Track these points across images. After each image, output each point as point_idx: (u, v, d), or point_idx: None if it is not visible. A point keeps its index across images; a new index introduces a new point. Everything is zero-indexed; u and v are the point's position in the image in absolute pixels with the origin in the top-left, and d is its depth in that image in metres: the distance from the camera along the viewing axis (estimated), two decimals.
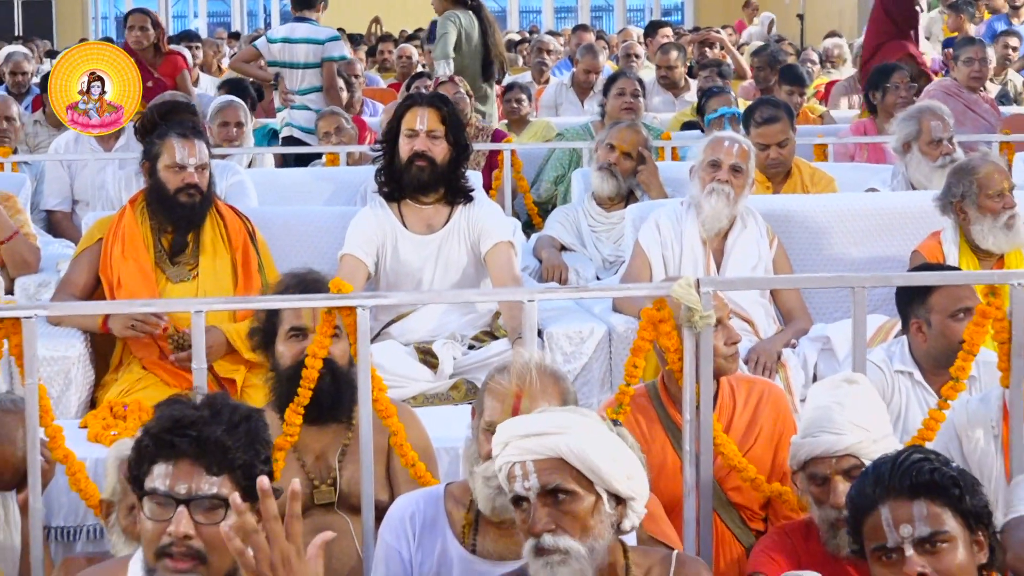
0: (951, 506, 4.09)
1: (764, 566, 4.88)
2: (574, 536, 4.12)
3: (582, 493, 4.16)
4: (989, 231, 7.13)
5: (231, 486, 3.92)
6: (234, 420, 4.00)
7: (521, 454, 4.16)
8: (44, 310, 6.03)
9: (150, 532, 3.93)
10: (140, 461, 3.98)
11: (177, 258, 6.93)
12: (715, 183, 7.32)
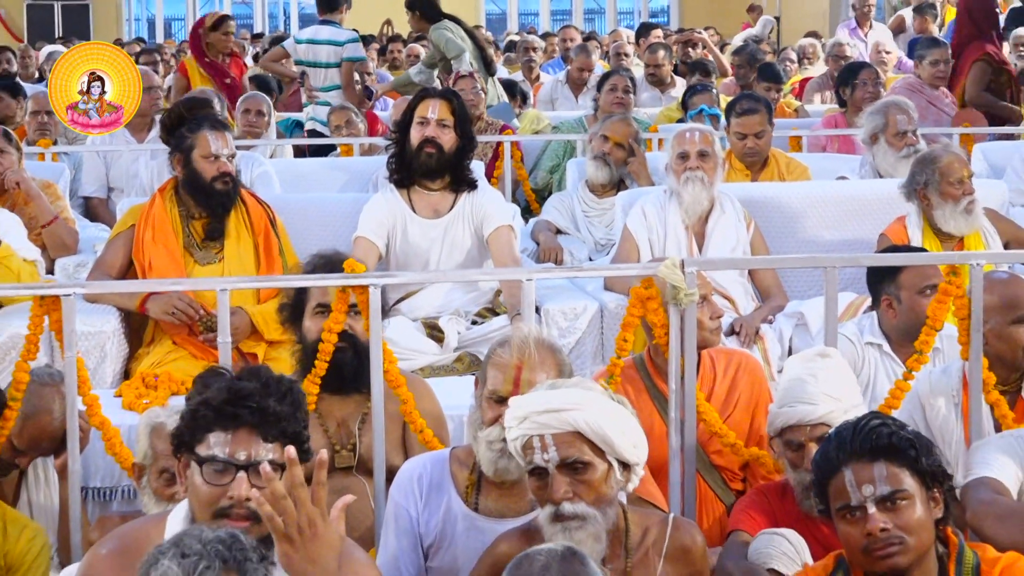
0: (909, 466, 4.09)
1: (744, 523, 4.89)
2: (589, 502, 4.16)
3: (597, 463, 4.20)
4: (950, 216, 7.13)
5: (283, 452, 3.92)
6: (282, 391, 4.02)
7: (539, 428, 4.18)
8: (81, 288, 6.04)
9: (207, 495, 3.93)
10: (194, 429, 3.98)
11: (204, 242, 6.92)
12: (688, 172, 7.34)
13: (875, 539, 4.03)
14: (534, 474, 4.21)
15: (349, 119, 11.01)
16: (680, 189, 7.35)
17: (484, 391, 4.63)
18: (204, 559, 3.29)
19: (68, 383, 5.31)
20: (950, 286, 5.51)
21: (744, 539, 4.79)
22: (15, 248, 6.86)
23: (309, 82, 12.72)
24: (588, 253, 8.60)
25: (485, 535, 4.55)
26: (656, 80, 13.61)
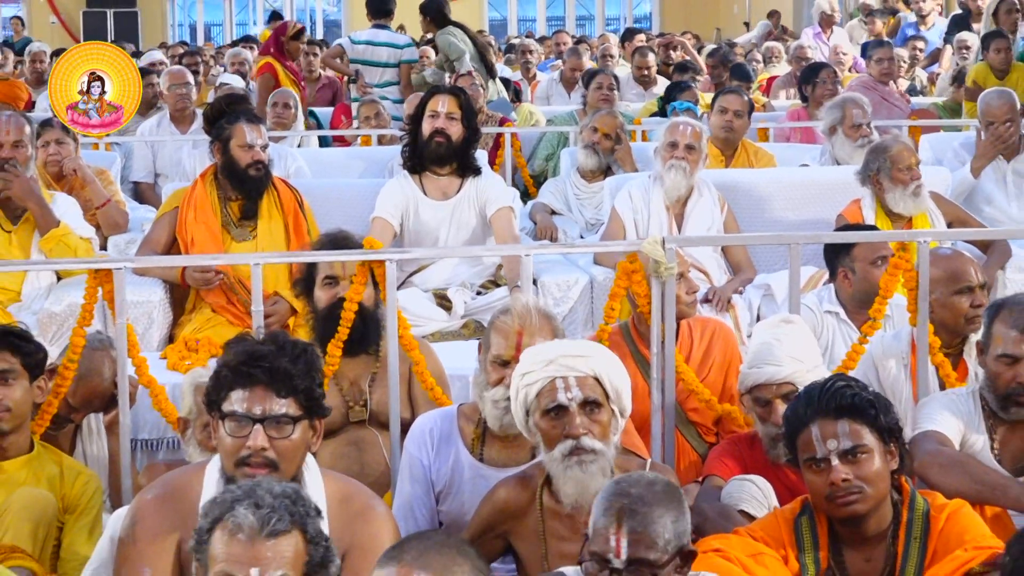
0: (869, 424, 4.08)
1: (717, 469, 4.90)
2: (600, 440, 4.15)
3: (606, 406, 4.22)
4: (900, 198, 7.11)
5: (296, 406, 3.93)
6: (295, 353, 4.01)
7: (565, 370, 4.19)
8: (131, 263, 6.05)
9: (229, 446, 3.94)
10: (219, 388, 3.99)
11: (240, 222, 6.91)
12: (674, 160, 7.31)
13: (838, 488, 4.03)
14: (550, 414, 4.19)
15: (379, 111, 11.00)
16: (664, 173, 7.32)
17: (488, 355, 4.62)
18: (275, 512, 3.29)
19: (119, 347, 5.31)
20: (900, 260, 5.51)
21: (717, 484, 4.79)
22: (72, 227, 6.84)
23: (363, 79, 12.72)
24: (579, 231, 8.59)
25: (489, 482, 4.54)
26: (643, 79, 13.60)
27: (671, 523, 3.56)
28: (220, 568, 3.27)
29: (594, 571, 3.58)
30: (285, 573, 3.27)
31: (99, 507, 4.92)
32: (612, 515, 3.56)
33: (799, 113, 10.77)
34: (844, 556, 4.11)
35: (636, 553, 3.53)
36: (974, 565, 3.86)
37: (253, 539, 3.26)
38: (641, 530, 3.53)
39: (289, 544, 3.29)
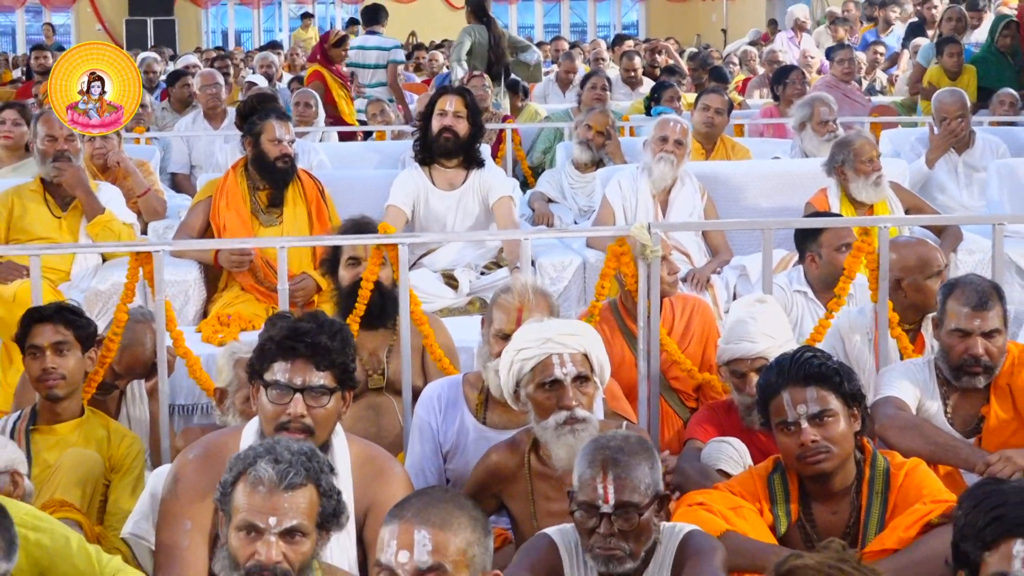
0: (834, 390, 4.08)
1: (697, 433, 4.90)
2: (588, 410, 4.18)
3: (593, 380, 4.22)
4: (862, 187, 7.10)
5: (332, 379, 3.95)
6: (333, 330, 4.02)
7: (560, 347, 4.20)
8: (169, 246, 6.00)
9: (271, 412, 3.95)
10: (263, 359, 3.99)
11: (267, 209, 6.90)
12: (663, 152, 7.28)
13: (807, 448, 4.03)
14: (544, 386, 4.20)
15: (383, 109, 11.01)
16: (653, 164, 7.30)
17: (491, 329, 4.64)
18: (293, 467, 3.29)
19: (158, 321, 5.31)
20: (863, 244, 5.52)
21: (697, 446, 4.80)
22: (116, 214, 6.84)
23: (358, 81, 12.71)
24: (573, 218, 8.57)
25: (491, 443, 4.54)
26: (631, 80, 13.61)
27: (648, 470, 3.63)
28: (242, 517, 3.28)
29: (584, 519, 3.60)
30: (300, 522, 3.27)
31: (142, 467, 4.93)
32: (597, 466, 3.59)
33: (771, 111, 10.77)
34: (812, 509, 4.11)
35: (622, 497, 3.57)
36: (932, 517, 3.87)
37: (272, 491, 3.26)
38: (625, 476, 3.58)
39: (304, 496, 3.29)
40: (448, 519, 2.84)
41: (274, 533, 3.24)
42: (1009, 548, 2.90)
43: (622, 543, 3.57)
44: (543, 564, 3.66)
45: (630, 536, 3.58)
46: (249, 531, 3.26)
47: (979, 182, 8.40)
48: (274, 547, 3.23)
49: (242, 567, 3.25)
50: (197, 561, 3.90)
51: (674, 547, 3.65)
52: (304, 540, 3.27)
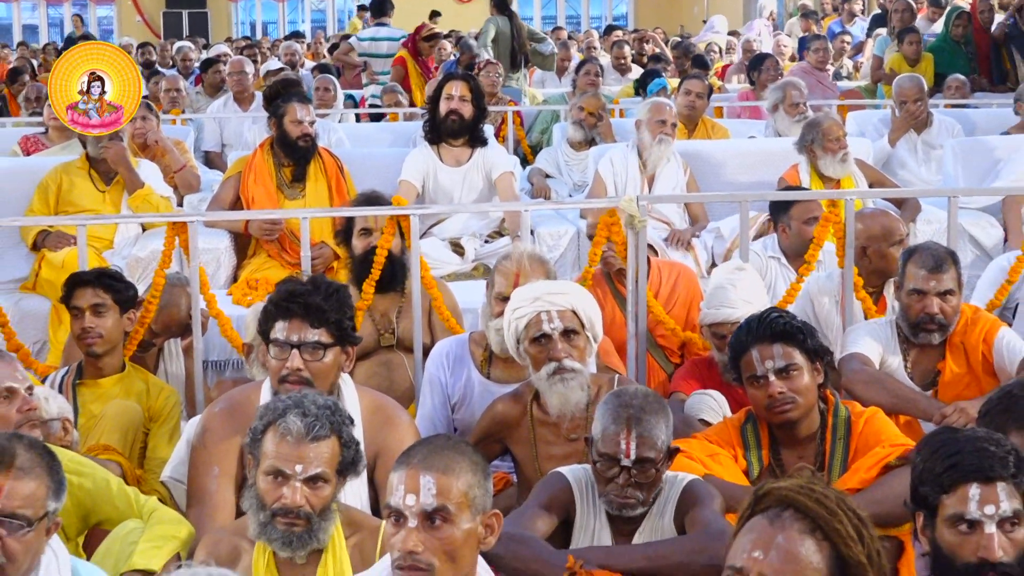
0: (798, 346, 4.06)
1: (681, 386, 4.91)
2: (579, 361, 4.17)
3: (582, 334, 4.21)
4: (830, 164, 7.08)
5: (328, 335, 3.95)
6: (329, 291, 4.02)
7: (548, 305, 4.19)
8: (202, 217, 6.03)
9: (274, 367, 3.98)
10: (267, 320, 4.03)
11: (291, 183, 6.89)
12: (662, 135, 7.26)
13: (774, 400, 4.02)
14: (537, 341, 4.20)
15: (397, 100, 10.99)
16: (653, 145, 7.26)
17: (493, 292, 4.64)
18: (318, 421, 3.28)
19: (193, 285, 5.29)
20: (830, 215, 5.52)
21: (681, 398, 4.80)
22: (155, 188, 6.81)
23: (371, 69, 12.68)
24: (568, 191, 8.55)
25: (495, 396, 4.53)
26: (620, 67, 13.57)
27: (664, 427, 3.63)
28: (270, 463, 3.28)
29: (604, 469, 3.61)
30: (323, 470, 3.27)
31: (178, 417, 4.93)
32: (622, 423, 3.58)
33: (747, 95, 10.75)
34: (782, 454, 4.10)
35: (642, 453, 3.57)
36: (890, 460, 3.86)
37: (299, 442, 3.26)
38: (646, 435, 3.57)
39: (328, 447, 3.29)
40: (450, 465, 2.83)
41: (299, 479, 3.24)
42: (965, 491, 2.89)
43: (636, 492, 3.59)
44: (557, 501, 3.66)
45: (644, 487, 3.59)
46: (276, 476, 3.26)
47: (936, 159, 8.38)
48: (299, 492, 3.23)
49: (269, 508, 3.25)
50: (225, 502, 3.93)
51: (676, 494, 3.65)
52: (325, 486, 3.28)
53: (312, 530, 3.25)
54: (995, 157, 7.73)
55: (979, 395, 4.56)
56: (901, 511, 3.06)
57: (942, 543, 2.90)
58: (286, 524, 3.23)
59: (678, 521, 3.60)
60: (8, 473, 3.00)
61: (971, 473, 2.89)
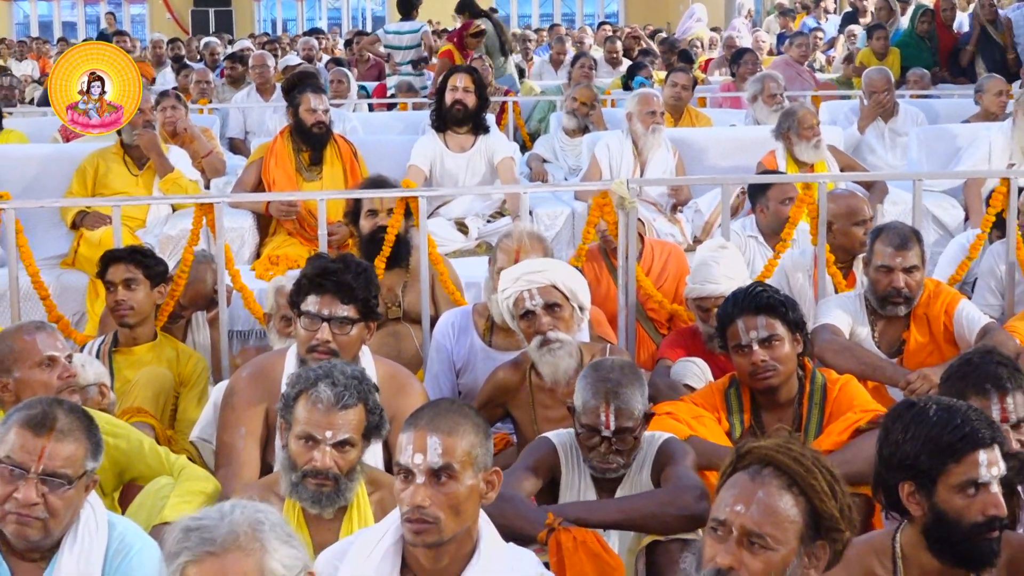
0: (780, 318, 4.05)
1: (668, 354, 4.88)
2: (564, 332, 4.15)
3: (566, 305, 4.20)
4: (805, 150, 7.05)
5: (355, 311, 3.95)
6: (358, 271, 4.02)
7: (528, 284, 4.18)
8: (227, 199, 6.01)
9: (304, 337, 3.96)
10: (299, 292, 4.00)
11: (309, 167, 6.85)
12: (654, 124, 7.23)
13: (757, 367, 4.01)
14: (524, 317, 4.19)
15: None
16: (647, 135, 7.22)
17: (495, 268, 4.62)
18: (347, 390, 3.26)
19: (218, 261, 5.28)
20: (805, 196, 5.51)
21: (668, 364, 4.78)
22: (183, 172, 6.79)
23: (393, 60, 12.66)
24: (564, 175, 8.53)
25: (495, 362, 4.54)
26: (612, 60, 13.54)
27: (640, 396, 3.61)
28: (302, 429, 3.26)
29: (586, 438, 3.60)
30: (351, 436, 3.26)
31: (205, 382, 4.92)
32: (600, 396, 3.57)
33: (729, 86, 10.74)
34: (762, 417, 4.09)
35: (621, 424, 3.56)
36: (861, 424, 3.85)
37: (330, 409, 3.24)
38: (623, 407, 3.56)
39: (355, 414, 3.27)
40: (455, 426, 2.82)
41: (329, 444, 3.23)
42: (975, 458, 2.82)
43: (617, 458, 3.59)
44: (543, 463, 3.65)
45: (624, 452, 3.59)
46: (308, 440, 3.25)
47: (902, 145, 8.36)
48: (328, 455, 3.22)
49: (300, 469, 3.25)
50: (251, 460, 3.92)
51: (653, 452, 3.65)
52: (352, 449, 3.27)
53: (339, 489, 3.25)
54: (957, 144, 7.71)
55: (941, 362, 4.55)
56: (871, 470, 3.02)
57: (947, 508, 2.83)
58: (316, 484, 3.23)
59: (655, 477, 3.60)
60: (50, 436, 2.98)
61: (980, 440, 2.85)
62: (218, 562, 2.22)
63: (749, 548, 2.44)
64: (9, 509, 2.94)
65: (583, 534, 3.25)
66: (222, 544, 2.22)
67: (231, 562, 2.22)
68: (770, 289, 4.21)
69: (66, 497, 2.98)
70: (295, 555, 2.28)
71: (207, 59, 14.41)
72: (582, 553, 3.19)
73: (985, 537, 2.83)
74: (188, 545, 2.23)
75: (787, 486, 2.46)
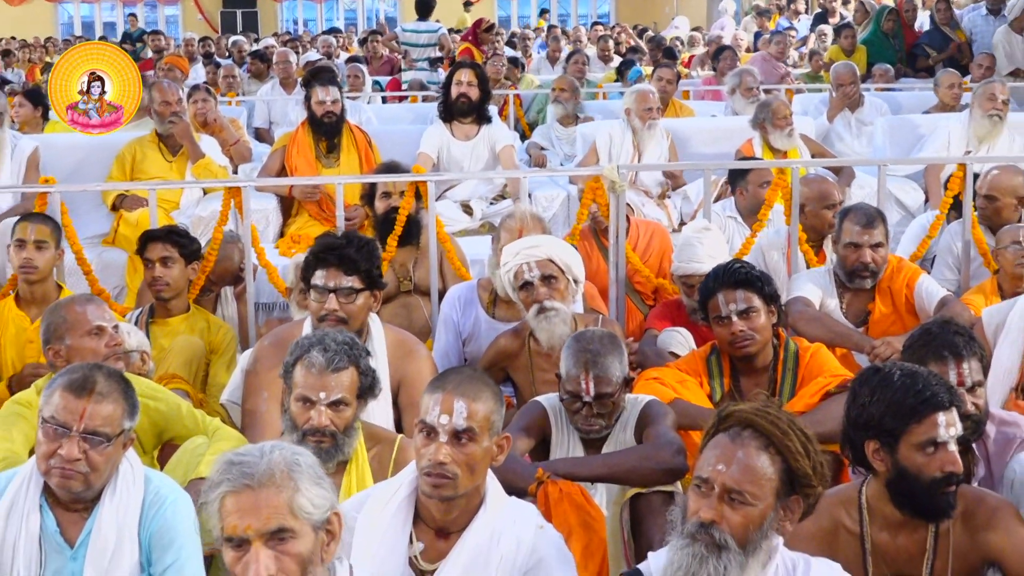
0: (756, 292, 4.04)
1: (654, 324, 4.88)
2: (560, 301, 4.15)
3: (561, 277, 4.19)
4: (779, 138, 7.04)
5: (359, 281, 3.94)
6: (360, 244, 4.01)
7: (526, 257, 4.18)
8: (253, 183, 6.01)
9: (314, 309, 3.96)
10: (308, 269, 4.02)
11: (328, 155, 6.82)
12: (651, 120, 7.17)
13: (736, 336, 4.00)
14: (523, 288, 4.19)
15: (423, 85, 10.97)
16: (647, 130, 7.16)
17: (498, 246, 4.61)
18: (338, 354, 3.25)
19: (245, 240, 5.27)
20: (779, 180, 5.50)
21: (654, 333, 4.78)
22: (214, 159, 6.76)
23: (410, 57, 12.62)
24: (560, 161, 8.50)
25: (498, 332, 4.53)
26: (604, 56, 13.50)
27: (619, 364, 3.59)
28: (299, 391, 3.26)
29: (570, 403, 3.60)
30: (344, 396, 3.24)
31: (234, 350, 4.91)
32: (581, 366, 3.56)
33: (710, 80, 10.69)
34: (740, 382, 4.08)
35: (600, 390, 3.55)
36: (831, 387, 3.84)
37: (322, 373, 3.23)
38: (602, 375, 3.55)
39: (347, 376, 3.26)
40: (479, 393, 2.82)
41: (324, 404, 3.22)
42: (935, 419, 2.83)
43: (599, 420, 3.59)
44: (535, 424, 3.65)
45: (604, 415, 3.59)
46: (305, 402, 3.24)
47: (867, 134, 8.32)
48: (323, 415, 3.21)
49: (300, 429, 3.24)
50: (272, 421, 3.92)
51: (636, 413, 3.64)
52: (347, 408, 3.25)
53: (338, 445, 3.24)
54: (918, 133, 7.69)
55: (903, 332, 4.52)
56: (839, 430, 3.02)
57: (908, 464, 2.83)
58: (315, 442, 3.21)
59: (637, 435, 3.59)
60: (90, 398, 2.98)
61: (939, 403, 2.84)
62: (253, 495, 2.25)
63: (730, 504, 2.45)
64: (54, 464, 2.95)
65: (568, 487, 3.25)
66: (259, 479, 2.25)
67: (264, 496, 2.25)
68: (747, 265, 4.19)
69: (105, 453, 2.99)
70: (324, 495, 2.31)
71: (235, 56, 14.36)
72: (567, 504, 3.20)
73: (943, 491, 2.84)
74: (229, 477, 2.26)
75: (765, 447, 2.47)
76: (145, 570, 3.00)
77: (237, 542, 2.25)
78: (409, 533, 2.82)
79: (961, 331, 3.44)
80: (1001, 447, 3.37)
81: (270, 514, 2.24)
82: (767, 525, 2.46)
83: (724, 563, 2.41)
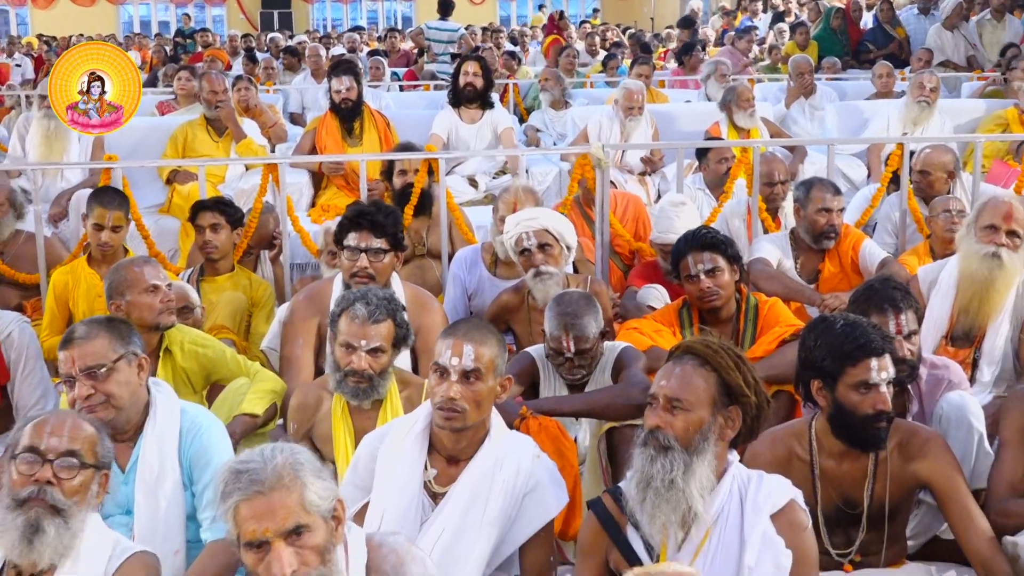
0: (721, 253, 4.00)
1: (634, 282, 4.87)
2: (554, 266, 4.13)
3: (556, 245, 4.16)
4: (743, 118, 6.98)
5: (386, 243, 3.92)
6: (387, 212, 3.99)
7: (525, 228, 4.15)
8: (289, 160, 5.93)
9: (346, 267, 3.93)
10: (341, 232, 3.98)
11: (352, 135, 6.77)
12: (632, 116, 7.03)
13: (704, 292, 3.97)
14: (522, 254, 4.16)
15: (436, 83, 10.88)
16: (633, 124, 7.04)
17: (498, 215, 4.58)
18: (379, 308, 3.23)
19: (280, 209, 5.24)
20: (742, 157, 5.44)
21: (635, 290, 4.75)
22: (254, 139, 6.72)
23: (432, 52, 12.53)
24: (552, 141, 8.44)
25: (499, 288, 4.50)
26: (591, 51, 13.40)
27: (594, 322, 3.59)
28: (343, 338, 3.24)
29: (554, 357, 3.61)
30: (381, 344, 3.23)
31: (272, 304, 4.88)
32: (561, 327, 3.56)
33: (678, 72, 10.65)
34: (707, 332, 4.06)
35: (579, 347, 3.56)
36: (786, 335, 3.83)
37: (364, 323, 3.21)
38: (580, 334, 3.55)
39: (385, 327, 3.24)
40: (484, 339, 2.81)
41: (364, 351, 3.20)
42: (868, 363, 2.83)
43: (580, 370, 3.60)
44: (525, 372, 3.65)
45: (584, 365, 3.60)
46: (347, 348, 3.22)
47: (819, 118, 8.27)
48: (363, 359, 3.20)
49: (342, 370, 3.23)
50: (307, 364, 3.92)
51: (613, 358, 3.64)
52: (383, 355, 3.23)
53: (374, 386, 3.22)
54: (863, 117, 7.66)
55: (848, 288, 4.52)
56: (793, 372, 3.01)
57: (845, 402, 2.83)
58: (354, 382, 3.20)
59: (614, 377, 3.59)
60: (72, 346, 2.96)
61: (872, 349, 2.84)
62: (265, 499, 2.13)
63: (671, 411, 2.50)
64: (80, 407, 2.93)
65: (546, 421, 3.27)
66: (269, 484, 2.14)
67: (277, 499, 2.13)
68: (713, 231, 4.15)
69: (114, 380, 2.95)
70: (327, 486, 2.20)
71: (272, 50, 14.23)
72: (544, 435, 3.21)
73: (874, 426, 2.84)
74: (239, 486, 2.14)
75: (700, 364, 2.53)
76: (188, 488, 2.99)
77: (257, 544, 2.13)
78: (424, 461, 2.82)
79: (899, 287, 3.42)
80: (932, 387, 3.37)
81: (286, 514, 2.12)
82: (707, 428, 2.49)
83: (670, 460, 2.45)
